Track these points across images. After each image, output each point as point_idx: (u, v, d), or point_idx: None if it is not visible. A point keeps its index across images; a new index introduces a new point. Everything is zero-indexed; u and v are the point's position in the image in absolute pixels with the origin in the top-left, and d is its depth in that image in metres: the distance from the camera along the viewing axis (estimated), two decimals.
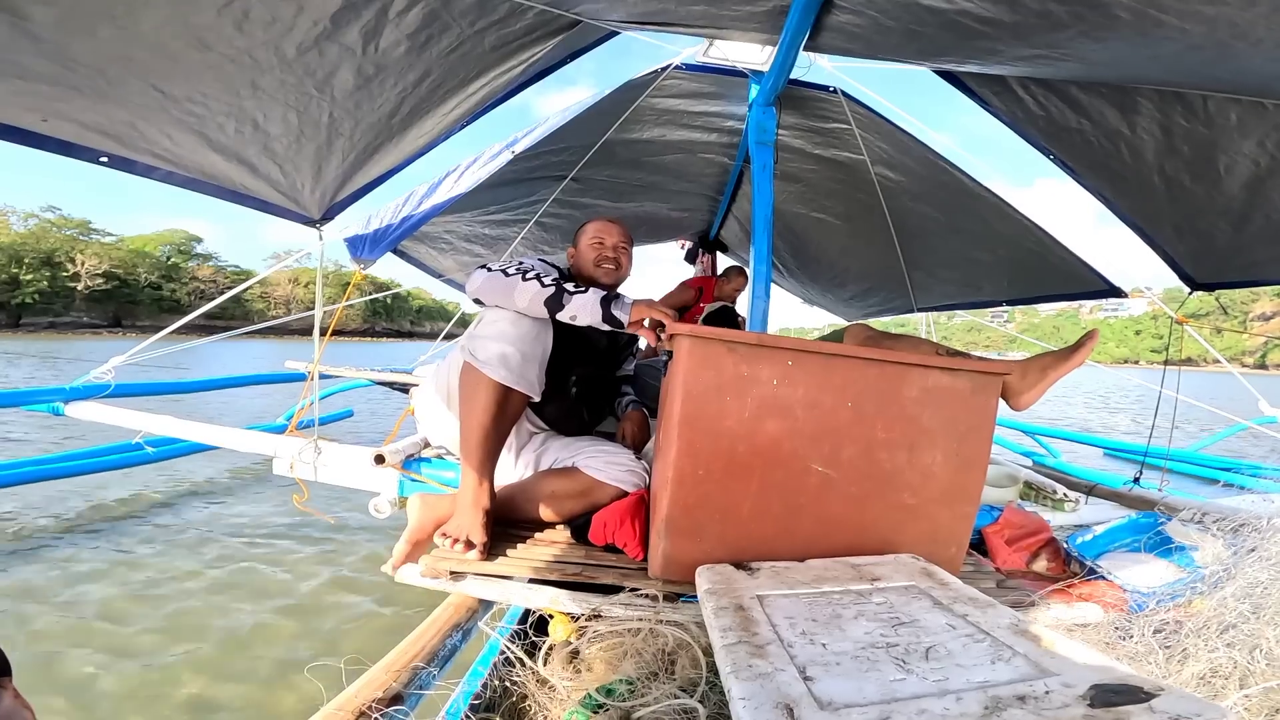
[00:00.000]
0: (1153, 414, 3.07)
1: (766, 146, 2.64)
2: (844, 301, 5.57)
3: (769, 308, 2.63)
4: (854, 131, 3.13)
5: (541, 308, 1.61)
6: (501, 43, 1.92)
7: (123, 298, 67.13)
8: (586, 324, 1.63)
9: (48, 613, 2.98)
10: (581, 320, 1.62)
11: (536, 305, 1.61)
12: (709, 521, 1.36)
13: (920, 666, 0.85)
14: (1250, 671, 1.09)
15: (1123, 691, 0.73)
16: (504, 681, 1.30)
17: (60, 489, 4.71)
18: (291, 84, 1.68)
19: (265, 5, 1.40)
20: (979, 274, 3.84)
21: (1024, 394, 1.62)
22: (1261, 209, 2.09)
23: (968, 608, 1.04)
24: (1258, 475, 5.55)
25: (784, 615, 1.02)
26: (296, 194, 2.12)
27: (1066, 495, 2.56)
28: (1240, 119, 1.81)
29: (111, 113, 1.57)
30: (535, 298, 1.61)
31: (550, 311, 1.61)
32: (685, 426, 1.33)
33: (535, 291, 1.61)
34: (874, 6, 1.66)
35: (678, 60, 2.95)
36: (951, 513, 1.45)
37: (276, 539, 4.13)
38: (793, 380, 1.34)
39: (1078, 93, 2.07)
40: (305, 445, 2.31)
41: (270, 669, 2.62)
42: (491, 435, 1.59)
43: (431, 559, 1.45)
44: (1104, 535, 1.93)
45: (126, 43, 1.38)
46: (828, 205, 4.06)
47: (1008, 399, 1.64)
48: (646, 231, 5.22)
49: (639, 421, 2.16)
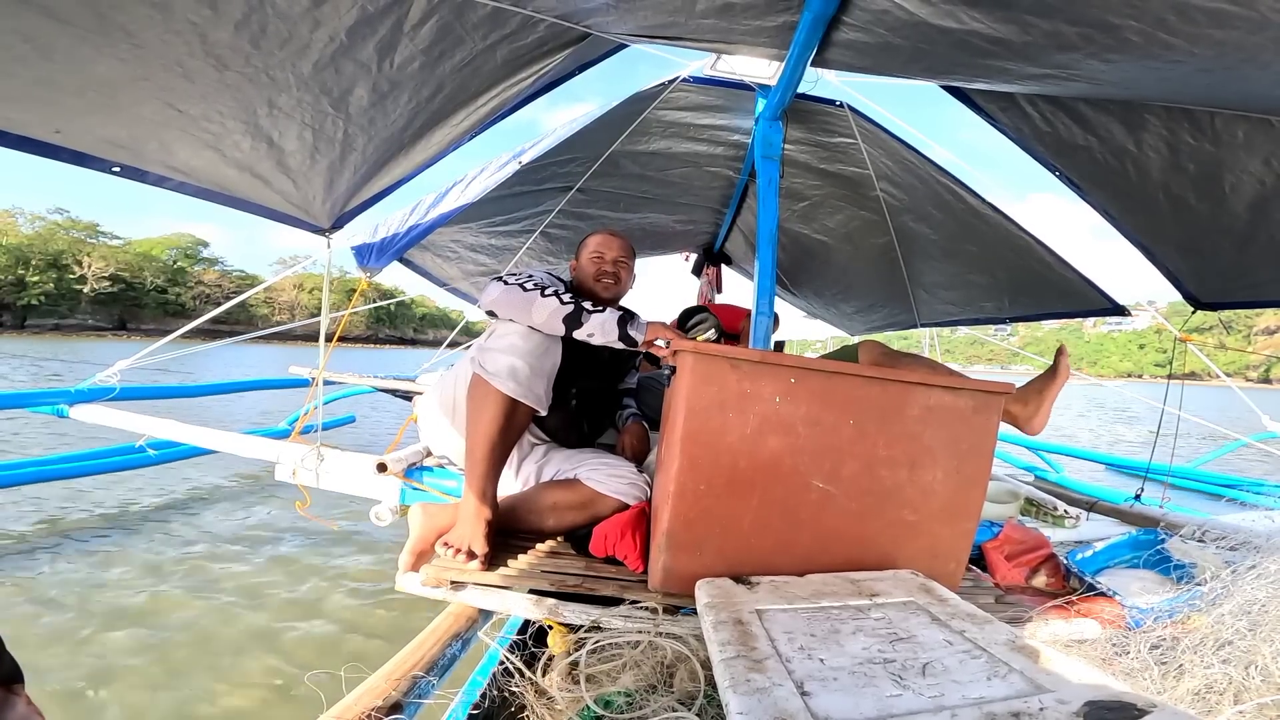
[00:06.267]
0: (1155, 429, 3.07)
1: (772, 160, 2.65)
2: (847, 316, 5.57)
3: (771, 324, 2.63)
4: (859, 146, 3.14)
5: (560, 324, 1.63)
6: (513, 56, 1.94)
7: (128, 301, 67.39)
8: (601, 343, 1.66)
9: (46, 614, 2.98)
10: (597, 339, 1.65)
11: (555, 322, 1.63)
12: (709, 535, 1.37)
13: (917, 682, 0.86)
14: (1245, 687, 1.09)
15: (1116, 709, 0.74)
16: (503, 692, 1.31)
17: (60, 490, 4.73)
18: (308, 102, 1.70)
19: (282, 22, 1.42)
20: (980, 292, 3.85)
21: (1032, 419, 1.76)
22: (1265, 229, 2.09)
23: (965, 624, 1.05)
24: (1260, 492, 5.52)
25: (782, 630, 1.03)
26: (308, 205, 2.14)
27: (1067, 511, 2.57)
28: (1247, 136, 1.82)
29: (126, 127, 1.59)
30: (554, 314, 1.63)
31: (568, 329, 1.64)
32: (687, 441, 1.34)
33: (555, 308, 1.63)
34: (883, 25, 1.67)
35: (685, 73, 2.97)
36: (952, 529, 1.46)
37: (277, 545, 4.14)
38: (795, 397, 1.36)
39: (1085, 109, 2.07)
40: (308, 452, 2.31)
41: (270, 676, 2.62)
42: (497, 447, 1.60)
43: (433, 568, 1.46)
44: (1104, 551, 1.94)
45: (144, 62, 1.39)
46: (832, 220, 4.06)
47: (1020, 427, 1.78)
48: (651, 244, 5.23)
49: (638, 434, 2.16)
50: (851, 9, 1.66)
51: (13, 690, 0.56)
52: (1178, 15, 1.18)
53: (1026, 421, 1.77)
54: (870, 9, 1.62)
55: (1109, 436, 13.95)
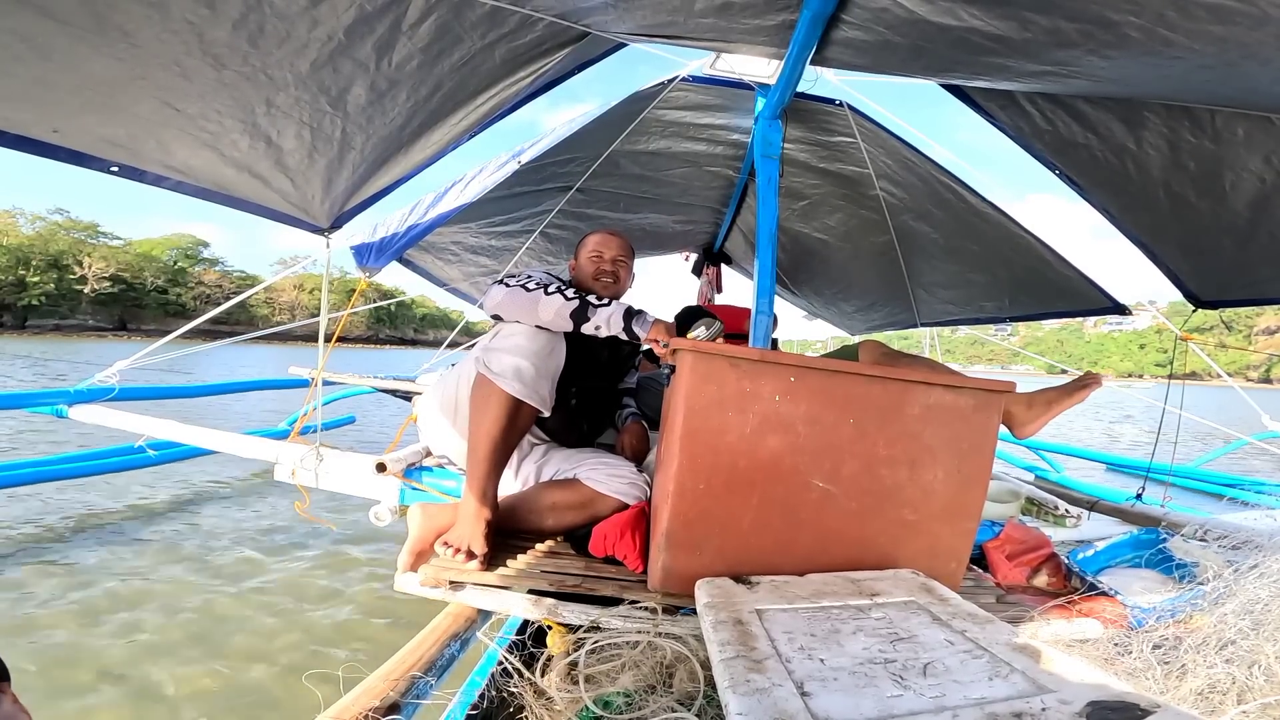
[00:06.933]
0: (1157, 428, 3.07)
1: (772, 159, 2.64)
2: (847, 315, 5.57)
3: (771, 323, 2.63)
4: (859, 145, 3.14)
5: (567, 320, 1.63)
6: (511, 55, 1.94)
7: (129, 301, 67.35)
8: (608, 335, 1.66)
9: (43, 616, 2.98)
10: (604, 332, 1.65)
11: (562, 318, 1.63)
12: (709, 535, 1.36)
13: (918, 683, 0.85)
14: (1249, 687, 1.09)
15: (1119, 709, 0.74)
16: (501, 692, 1.30)
17: (60, 491, 4.73)
18: (306, 101, 1.70)
19: (280, 21, 1.41)
20: (981, 290, 3.84)
21: (1028, 424, 1.75)
22: (1266, 226, 2.08)
23: (966, 624, 1.04)
24: (1261, 491, 5.51)
25: (782, 630, 1.02)
26: (307, 204, 2.14)
27: (1068, 511, 2.56)
28: (1247, 134, 1.82)
29: (124, 126, 1.59)
30: (561, 310, 1.63)
31: (575, 324, 1.64)
32: (687, 441, 1.33)
33: (561, 304, 1.63)
34: (882, 22, 1.66)
35: (684, 72, 2.96)
36: (952, 529, 1.45)
37: (276, 545, 4.13)
38: (795, 396, 1.35)
39: (1085, 107, 2.07)
40: (307, 452, 2.31)
41: (268, 676, 2.61)
42: (499, 447, 1.60)
43: (432, 568, 1.46)
44: (1106, 550, 1.93)
45: (141, 61, 1.39)
46: (831, 219, 4.06)
47: (1012, 428, 1.75)
48: (651, 243, 5.22)
49: (638, 434, 2.16)
50: (851, 7, 1.65)
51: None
52: (1178, 11, 1.18)
53: (1022, 425, 1.77)
54: (869, 7, 1.61)
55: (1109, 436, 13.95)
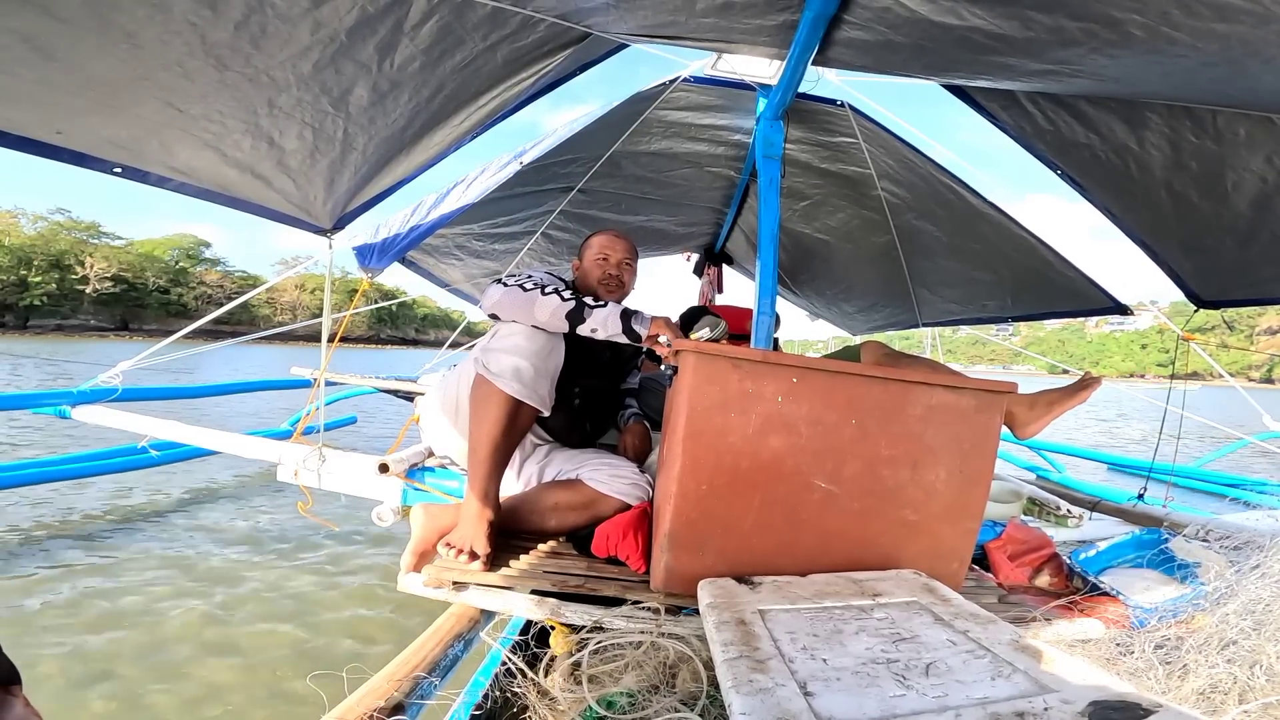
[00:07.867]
0: (1159, 428, 3.07)
1: (773, 160, 2.64)
2: (849, 316, 5.56)
3: (773, 323, 2.63)
4: (860, 145, 3.14)
5: (563, 321, 1.63)
6: (513, 56, 1.94)
7: (130, 301, 67.54)
8: (605, 338, 1.65)
9: (48, 617, 2.99)
10: (600, 334, 1.64)
11: (558, 319, 1.62)
12: (711, 535, 1.36)
13: (920, 683, 0.86)
14: (1250, 687, 1.09)
15: (1121, 709, 0.74)
16: (505, 692, 1.31)
17: (63, 491, 4.74)
18: (308, 102, 1.70)
19: (282, 23, 1.42)
20: (983, 290, 3.84)
21: (1029, 425, 1.76)
22: (1268, 226, 2.08)
23: (968, 624, 1.04)
24: (1263, 491, 5.51)
25: (785, 630, 1.02)
26: (309, 205, 2.14)
27: (1070, 511, 2.56)
28: (1249, 134, 1.81)
29: (127, 127, 1.59)
30: (557, 311, 1.62)
31: (571, 325, 1.63)
32: (689, 441, 1.33)
33: (556, 305, 1.63)
34: (883, 22, 1.66)
35: (686, 73, 2.96)
36: (954, 529, 1.45)
37: (279, 545, 4.14)
38: (797, 397, 1.35)
39: (1087, 107, 2.07)
40: (310, 452, 2.31)
41: (272, 677, 2.62)
42: (500, 448, 1.60)
43: (435, 569, 1.46)
44: (1107, 551, 1.93)
45: (144, 62, 1.39)
46: (833, 219, 4.06)
47: (1013, 429, 1.76)
48: (652, 244, 5.22)
49: (640, 434, 2.16)
50: (853, 7, 1.65)
51: (10, 691, 0.56)
52: (1181, 9, 1.18)
53: (1023, 425, 1.78)
54: (871, 7, 1.61)
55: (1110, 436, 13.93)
